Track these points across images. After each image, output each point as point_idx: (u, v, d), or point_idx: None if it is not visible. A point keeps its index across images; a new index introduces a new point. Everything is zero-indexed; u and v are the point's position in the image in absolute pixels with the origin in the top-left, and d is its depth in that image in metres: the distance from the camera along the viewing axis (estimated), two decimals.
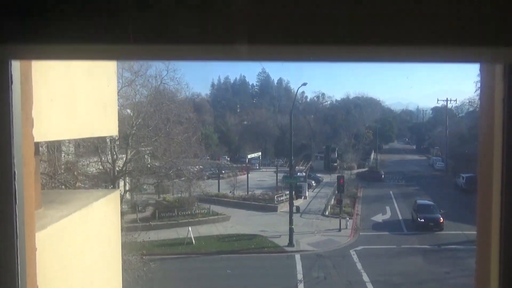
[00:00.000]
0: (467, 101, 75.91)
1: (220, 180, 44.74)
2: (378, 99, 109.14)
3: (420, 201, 33.22)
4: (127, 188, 30.63)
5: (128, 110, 25.29)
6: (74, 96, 1.75)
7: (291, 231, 26.25)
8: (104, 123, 2.54)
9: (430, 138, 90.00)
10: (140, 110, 24.09)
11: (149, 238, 27.27)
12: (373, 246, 26.55)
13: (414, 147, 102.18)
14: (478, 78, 1.14)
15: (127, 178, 29.00)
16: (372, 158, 72.10)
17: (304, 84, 51.55)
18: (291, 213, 26.50)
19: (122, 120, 22.86)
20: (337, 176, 31.63)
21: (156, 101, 24.45)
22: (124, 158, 25.37)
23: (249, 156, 58.56)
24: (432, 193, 43.87)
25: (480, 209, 1.07)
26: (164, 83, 25.42)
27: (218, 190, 41.26)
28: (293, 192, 28.14)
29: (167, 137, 25.36)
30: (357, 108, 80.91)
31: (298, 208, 28.08)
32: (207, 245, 26.53)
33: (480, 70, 1.12)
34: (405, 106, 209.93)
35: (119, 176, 25.58)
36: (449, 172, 57.36)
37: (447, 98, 63.41)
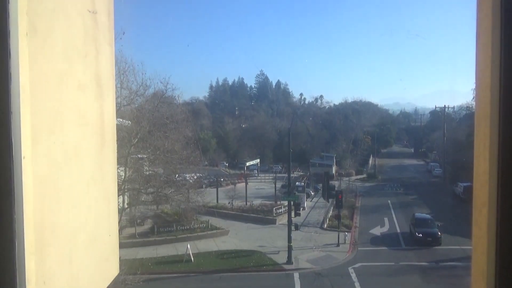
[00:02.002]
0: (465, 106, 76.30)
1: (219, 188, 44.63)
2: (376, 103, 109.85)
3: (418, 215, 33.31)
4: (126, 202, 30.62)
5: (127, 128, 25.27)
6: None
7: (289, 248, 26.30)
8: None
9: (428, 142, 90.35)
10: (139, 130, 24.05)
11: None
12: (372, 263, 26.62)
13: (412, 150, 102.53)
14: (475, 84, 1.16)
15: (126, 191, 29.03)
16: (370, 163, 72.31)
17: (302, 107, 51.11)
18: (289, 230, 26.54)
19: (121, 139, 22.87)
20: (336, 190, 31.68)
21: (154, 120, 24.42)
22: (123, 176, 25.36)
23: (247, 164, 58.49)
24: (430, 203, 44.08)
25: (475, 222, 1.08)
26: (163, 102, 25.38)
27: (217, 201, 41.28)
28: (292, 207, 28.15)
29: (166, 155, 25.38)
30: (355, 113, 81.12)
31: (296, 225, 28.16)
32: (206, 262, 26.56)
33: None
34: (402, 106, 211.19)
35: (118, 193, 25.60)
36: (447, 179, 57.59)
37: (444, 105, 63.54)
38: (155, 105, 25.30)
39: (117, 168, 2.06)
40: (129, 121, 25.70)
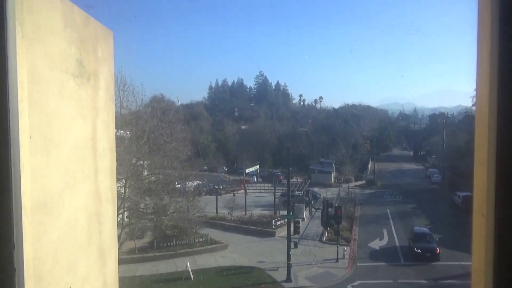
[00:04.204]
0: (464, 111, 76.37)
1: (218, 197, 44.21)
2: (375, 106, 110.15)
3: (416, 229, 33.33)
4: (125, 216, 30.64)
5: (125, 147, 25.29)
6: None
7: (288, 266, 26.35)
8: None
9: (428, 145, 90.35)
10: (137, 150, 24.07)
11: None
12: (371, 281, 26.70)
13: (411, 153, 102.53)
14: (475, 93, 1.17)
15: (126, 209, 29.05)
16: (369, 168, 72.28)
17: (303, 129, 51.13)
18: (288, 248, 26.57)
19: (120, 159, 22.88)
20: (335, 206, 31.69)
21: (154, 141, 24.45)
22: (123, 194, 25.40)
23: (246, 171, 58.51)
24: (428, 213, 44.14)
25: (475, 228, 1.09)
26: (161, 121, 25.38)
27: (216, 211, 41.28)
28: (291, 226, 28.21)
29: (164, 173, 25.45)
30: (354, 118, 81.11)
31: (295, 243, 28.19)
32: (205, 280, 26.61)
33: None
34: (402, 107, 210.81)
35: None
36: (446, 185, 57.69)
37: (443, 113, 63.51)
38: (155, 123, 25.34)
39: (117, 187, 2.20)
40: (128, 133, 25.76)
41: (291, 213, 27.91)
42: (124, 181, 23.79)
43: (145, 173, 26.05)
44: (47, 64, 1.43)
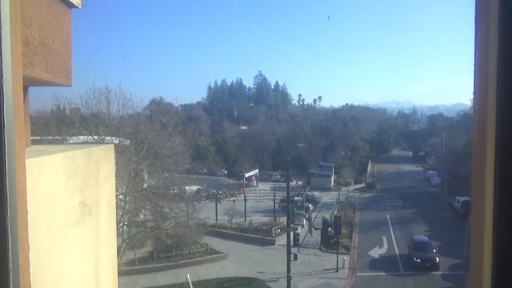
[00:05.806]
0: (463, 111, 76.35)
1: (218, 202, 44.14)
2: (374, 105, 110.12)
3: (416, 238, 33.39)
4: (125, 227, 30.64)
5: (123, 162, 25.28)
6: None
7: (288, 278, 26.37)
8: None
9: (427, 146, 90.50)
10: (138, 164, 24.08)
11: None
12: None
13: (411, 153, 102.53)
14: (473, 94, 1.17)
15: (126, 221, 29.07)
16: (369, 171, 72.25)
17: (302, 145, 51.06)
18: (288, 261, 26.57)
19: (119, 172, 22.89)
20: (334, 216, 31.73)
21: (153, 155, 24.46)
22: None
23: (246, 175, 58.57)
24: (428, 218, 44.22)
25: (474, 232, 1.07)
26: (162, 134, 25.38)
27: (216, 219, 41.35)
28: (291, 234, 28.23)
29: (164, 186, 25.48)
30: (353, 120, 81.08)
31: (295, 255, 28.19)
32: None
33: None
34: (401, 105, 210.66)
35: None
36: (445, 189, 57.83)
37: (442, 114, 63.51)
38: (154, 137, 25.32)
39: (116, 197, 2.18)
40: (128, 141, 25.76)
41: (291, 225, 27.92)
42: (124, 193, 23.83)
43: (145, 185, 26.07)
44: (47, 224, 1.39)
